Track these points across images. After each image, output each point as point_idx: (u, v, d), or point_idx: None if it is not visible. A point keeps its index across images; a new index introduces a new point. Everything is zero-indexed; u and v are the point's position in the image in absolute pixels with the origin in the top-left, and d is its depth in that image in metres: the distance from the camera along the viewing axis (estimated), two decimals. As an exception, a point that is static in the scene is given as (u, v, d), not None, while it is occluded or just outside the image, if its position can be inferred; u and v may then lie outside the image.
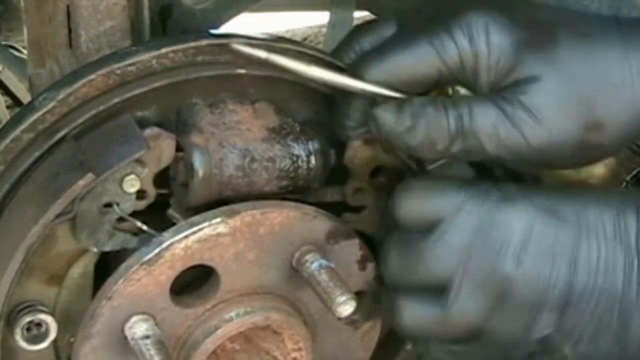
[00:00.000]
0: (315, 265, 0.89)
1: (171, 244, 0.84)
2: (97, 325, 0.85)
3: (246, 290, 0.90)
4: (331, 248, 0.92)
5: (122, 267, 0.84)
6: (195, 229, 0.85)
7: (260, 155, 0.87)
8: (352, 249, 0.94)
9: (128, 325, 0.85)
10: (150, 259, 0.84)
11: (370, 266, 0.95)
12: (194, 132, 0.86)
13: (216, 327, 0.88)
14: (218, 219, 0.85)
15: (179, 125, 0.87)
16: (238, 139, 0.87)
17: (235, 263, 0.88)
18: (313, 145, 0.90)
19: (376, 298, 0.96)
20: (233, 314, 0.89)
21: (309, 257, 0.90)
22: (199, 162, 0.85)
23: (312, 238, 0.91)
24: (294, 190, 0.90)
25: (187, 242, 0.84)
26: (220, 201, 0.87)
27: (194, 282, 0.90)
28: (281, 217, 0.88)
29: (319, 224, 0.91)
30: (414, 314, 0.86)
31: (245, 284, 0.89)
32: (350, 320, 0.99)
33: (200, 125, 0.87)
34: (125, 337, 0.85)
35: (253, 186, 0.88)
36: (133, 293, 0.84)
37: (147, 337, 0.84)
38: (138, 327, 0.85)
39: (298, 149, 0.89)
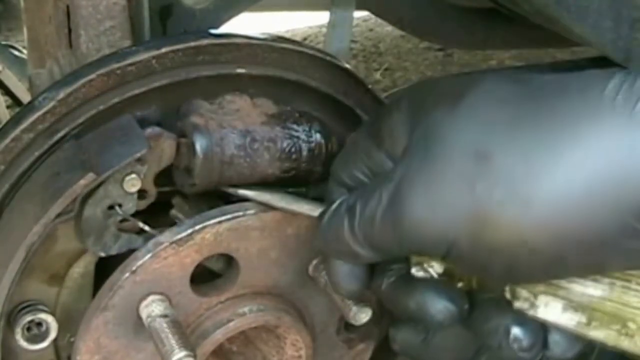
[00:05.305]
0: None
1: (204, 227, 0.84)
2: (115, 297, 0.84)
3: (261, 288, 0.90)
4: None
5: (151, 243, 0.84)
6: (229, 216, 0.85)
7: (261, 136, 0.87)
8: None
9: (144, 303, 0.84)
10: (181, 239, 0.84)
11: None
12: (193, 115, 0.86)
13: (229, 319, 0.89)
14: (252, 211, 0.86)
15: (178, 119, 0.87)
16: (238, 122, 0.87)
17: (258, 258, 0.88)
18: (313, 128, 0.90)
19: (376, 321, 0.94)
20: (246, 309, 0.89)
21: None
22: (199, 141, 0.84)
23: None
24: (297, 175, 0.90)
25: (219, 228, 0.85)
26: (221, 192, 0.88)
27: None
28: (309, 220, 0.88)
29: None
30: (404, 339, 0.88)
31: (262, 282, 0.90)
32: (347, 339, 0.99)
33: (199, 111, 0.87)
34: (139, 317, 0.84)
35: (255, 167, 0.87)
36: (157, 271, 0.84)
37: (165, 315, 0.83)
38: (155, 306, 0.84)
39: (298, 131, 0.89)
